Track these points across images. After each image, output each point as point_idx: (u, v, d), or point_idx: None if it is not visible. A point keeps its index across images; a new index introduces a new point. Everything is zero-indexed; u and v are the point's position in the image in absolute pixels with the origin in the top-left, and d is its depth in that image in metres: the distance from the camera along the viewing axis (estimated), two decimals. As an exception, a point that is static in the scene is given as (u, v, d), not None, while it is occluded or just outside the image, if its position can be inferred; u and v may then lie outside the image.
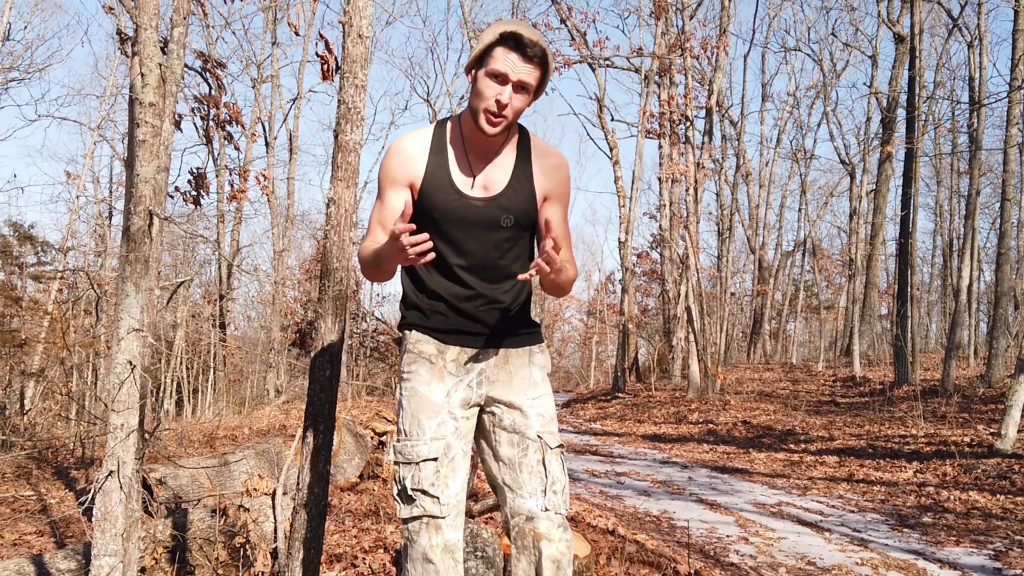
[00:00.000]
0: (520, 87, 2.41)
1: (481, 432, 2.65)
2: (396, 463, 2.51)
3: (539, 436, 2.57)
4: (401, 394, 2.59)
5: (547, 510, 2.53)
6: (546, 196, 2.63)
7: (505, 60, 2.36)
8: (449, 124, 2.61)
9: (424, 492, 2.43)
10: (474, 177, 2.56)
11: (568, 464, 2.82)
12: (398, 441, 2.53)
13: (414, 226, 2.18)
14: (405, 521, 2.47)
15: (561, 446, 2.64)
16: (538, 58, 2.38)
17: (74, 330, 14.14)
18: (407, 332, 2.64)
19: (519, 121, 2.60)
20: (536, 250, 2.69)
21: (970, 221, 17.25)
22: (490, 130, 2.44)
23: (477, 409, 2.63)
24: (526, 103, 2.46)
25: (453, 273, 2.59)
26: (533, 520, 2.50)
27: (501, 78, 2.38)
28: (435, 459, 2.45)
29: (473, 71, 2.47)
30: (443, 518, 2.42)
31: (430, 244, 2.20)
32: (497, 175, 2.57)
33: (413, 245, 2.18)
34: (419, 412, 2.51)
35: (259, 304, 30.96)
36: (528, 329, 2.71)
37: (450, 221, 2.55)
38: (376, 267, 2.49)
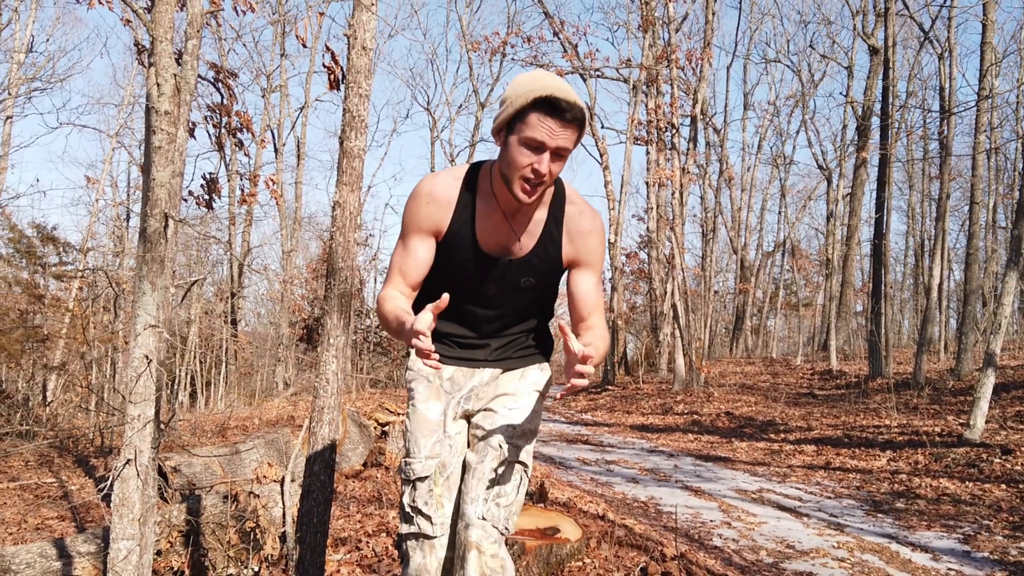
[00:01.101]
0: (557, 153, 2.11)
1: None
2: (402, 481, 2.36)
3: (501, 445, 2.32)
4: (407, 413, 2.43)
5: (483, 519, 2.22)
6: (574, 263, 2.38)
7: (541, 127, 2.06)
8: (481, 173, 2.33)
9: (418, 511, 2.27)
10: (500, 237, 2.32)
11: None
12: (403, 460, 2.37)
13: (430, 332, 2.00)
14: (403, 538, 2.31)
15: (524, 464, 2.35)
16: (577, 121, 2.09)
17: (94, 326, 14.13)
18: (411, 351, 2.41)
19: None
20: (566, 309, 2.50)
21: (940, 223, 17.29)
22: (526, 199, 2.17)
23: (465, 422, 2.44)
24: (563, 166, 2.16)
25: (463, 323, 2.43)
26: (467, 528, 2.21)
27: (538, 147, 2.09)
28: (427, 477, 2.29)
29: (503, 134, 2.18)
30: (435, 538, 2.25)
31: (438, 362, 2.02)
32: (523, 238, 2.32)
33: (425, 354, 1.99)
34: (417, 430, 2.35)
35: (268, 301, 30.93)
36: (531, 351, 2.53)
37: (468, 278, 2.36)
38: (396, 334, 2.27)
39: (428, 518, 2.26)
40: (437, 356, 2.00)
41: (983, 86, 13.83)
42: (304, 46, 5.04)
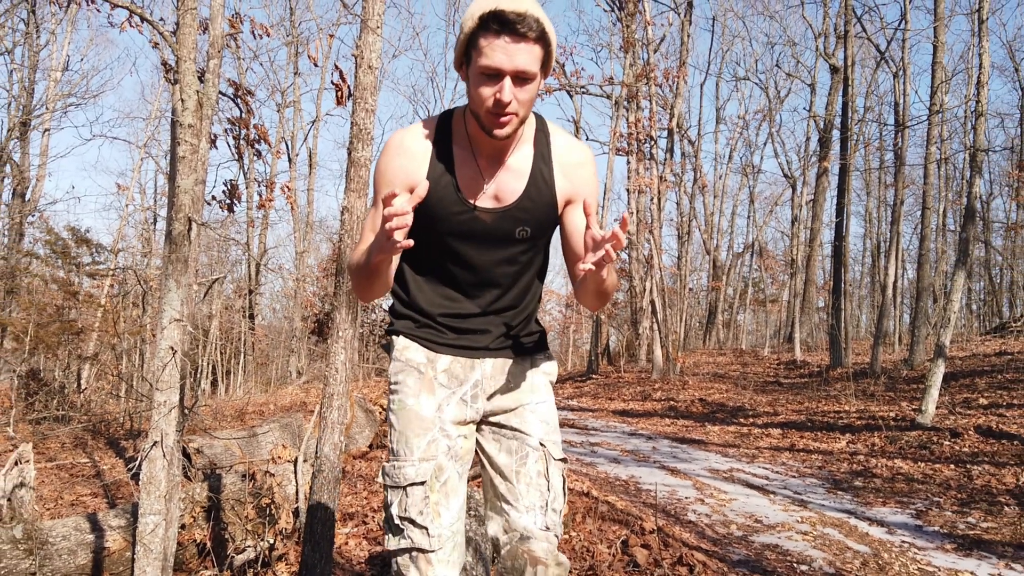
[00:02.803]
0: (521, 77, 1.68)
1: (480, 441, 2.01)
2: (385, 486, 1.89)
3: (542, 444, 1.95)
4: (389, 409, 1.96)
5: (547, 529, 1.88)
6: (570, 200, 1.94)
7: (494, 51, 1.65)
8: (454, 120, 1.90)
9: (411, 521, 1.83)
10: (484, 185, 1.87)
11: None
12: (387, 462, 1.92)
13: (407, 196, 1.55)
14: (393, 554, 1.87)
15: (565, 460, 1.99)
16: (534, 33, 1.65)
17: (123, 320, 14.08)
18: (394, 337, 2.01)
19: (535, 111, 1.91)
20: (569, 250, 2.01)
21: (895, 227, 17.31)
22: (499, 133, 1.75)
23: (474, 426, 2.00)
24: (534, 91, 1.73)
25: (454, 291, 1.97)
26: (528, 540, 1.85)
27: (495, 74, 1.67)
28: (423, 483, 1.84)
29: (464, 68, 1.76)
30: (433, 552, 1.81)
31: (409, 221, 1.53)
32: (511, 182, 1.88)
33: (395, 219, 1.51)
34: (407, 429, 1.89)
35: (283, 298, 30.87)
36: (531, 337, 2.07)
37: (455, 236, 1.90)
38: (365, 267, 1.78)
39: (424, 529, 1.83)
40: (407, 222, 1.54)
41: (934, 102, 13.83)
42: (315, 65, 5.04)
